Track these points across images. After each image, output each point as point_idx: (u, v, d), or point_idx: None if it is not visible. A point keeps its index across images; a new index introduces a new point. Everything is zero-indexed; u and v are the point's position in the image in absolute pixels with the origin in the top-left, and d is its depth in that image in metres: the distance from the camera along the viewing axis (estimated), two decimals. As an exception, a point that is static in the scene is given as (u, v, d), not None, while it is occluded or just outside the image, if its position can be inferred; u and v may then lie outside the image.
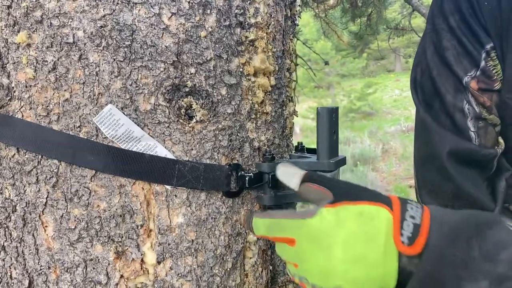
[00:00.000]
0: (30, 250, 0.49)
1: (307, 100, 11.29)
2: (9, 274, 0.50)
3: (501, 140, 0.54)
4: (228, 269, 0.54)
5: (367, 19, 3.53)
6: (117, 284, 0.49)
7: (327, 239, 0.40)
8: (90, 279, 0.49)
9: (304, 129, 9.50)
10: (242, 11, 0.55)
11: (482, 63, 0.51)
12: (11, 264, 0.50)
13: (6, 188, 0.50)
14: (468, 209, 0.48)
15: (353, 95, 10.90)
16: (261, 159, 0.58)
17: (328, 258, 0.39)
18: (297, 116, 0.70)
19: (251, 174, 0.55)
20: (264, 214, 0.47)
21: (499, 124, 0.53)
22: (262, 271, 0.58)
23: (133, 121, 0.49)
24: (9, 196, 0.50)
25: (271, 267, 0.60)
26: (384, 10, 3.40)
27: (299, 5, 0.67)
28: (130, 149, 0.49)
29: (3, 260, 0.50)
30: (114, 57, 0.49)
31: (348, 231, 0.39)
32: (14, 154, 0.49)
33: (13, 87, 0.49)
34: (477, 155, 0.52)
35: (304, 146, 0.68)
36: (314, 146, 0.64)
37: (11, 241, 0.50)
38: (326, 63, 4.04)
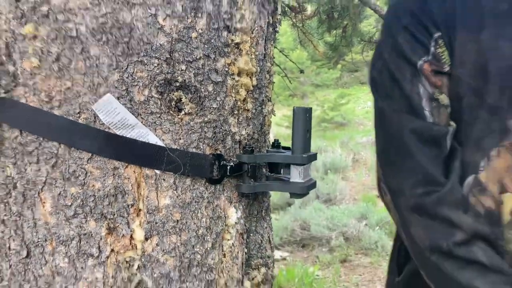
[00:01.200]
0: (28, 224, 0.53)
1: (281, 108, 11.40)
2: (8, 245, 0.54)
3: (452, 122, 0.61)
4: (208, 249, 0.59)
5: (343, 31, 3.64)
6: (107, 257, 0.54)
7: None
8: (83, 251, 0.53)
9: (277, 136, 9.60)
10: (229, 16, 0.61)
11: (432, 49, 0.60)
12: (10, 236, 0.54)
13: (7, 166, 0.54)
14: (422, 187, 0.56)
15: (326, 105, 11.07)
16: (241, 151, 0.64)
17: None
18: (275, 115, 0.77)
19: (232, 164, 0.61)
20: None
21: (449, 106, 0.61)
22: (238, 253, 0.63)
23: (128, 110, 0.55)
24: (10, 174, 0.54)
25: (246, 250, 0.66)
26: (359, 23, 3.52)
27: (279, 14, 0.73)
28: (124, 135, 0.55)
29: (2, 232, 0.54)
30: (113, 52, 0.54)
31: None
32: (17, 135, 0.54)
33: (18, 74, 0.54)
34: (431, 131, 0.59)
35: (280, 143, 0.74)
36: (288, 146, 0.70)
37: (11, 215, 0.54)
38: (302, 71, 4.13)
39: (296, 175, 0.63)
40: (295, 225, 4.10)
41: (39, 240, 0.53)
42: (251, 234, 0.66)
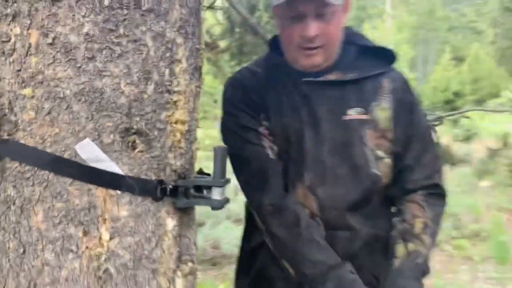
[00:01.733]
0: (25, 229, 0.75)
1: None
2: (7, 246, 0.75)
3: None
4: (153, 247, 0.84)
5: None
6: (83, 252, 0.77)
7: None
8: (65, 248, 0.76)
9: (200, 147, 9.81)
10: (170, 83, 0.87)
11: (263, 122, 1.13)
12: (9, 239, 0.75)
13: (8, 188, 0.75)
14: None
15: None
16: (176, 177, 0.90)
17: None
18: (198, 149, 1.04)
19: (170, 186, 0.87)
20: None
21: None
22: (173, 250, 0.89)
23: (99, 149, 0.79)
24: (11, 193, 0.75)
25: (178, 249, 0.91)
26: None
27: (203, 78, 1.01)
28: (96, 167, 0.78)
29: (3, 235, 0.75)
30: (89, 108, 0.78)
31: None
32: (17, 166, 0.75)
33: (19, 123, 0.76)
34: (267, 159, 1.10)
35: (202, 170, 1.01)
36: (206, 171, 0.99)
37: (10, 223, 0.75)
38: (215, 101, 4.44)
39: (216, 194, 0.90)
40: (207, 244, 4.34)
41: (32, 240, 0.75)
42: (182, 237, 0.92)
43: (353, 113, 1.15)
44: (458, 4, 43.77)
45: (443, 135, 2.83)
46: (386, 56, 1.21)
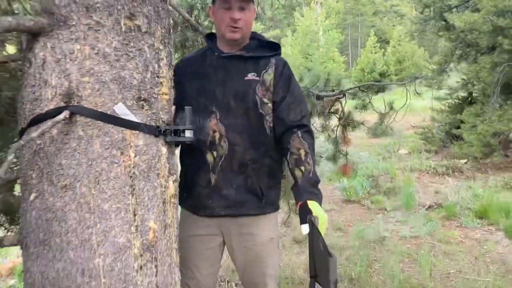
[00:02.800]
0: (89, 151, 1.42)
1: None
2: (77, 160, 1.41)
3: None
4: (156, 161, 1.54)
5: (194, 56, 4.67)
6: (121, 163, 1.45)
7: None
8: (112, 161, 1.44)
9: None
10: (158, 72, 1.56)
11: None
12: (80, 157, 1.41)
13: (78, 131, 1.42)
14: None
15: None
16: (165, 125, 1.59)
17: None
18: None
19: (163, 129, 1.56)
20: None
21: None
22: (166, 165, 1.59)
23: (126, 108, 1.47)
24: (81, 134, 1.42)
25: (169, 165, 1.61)
26: (206, 51, 4.59)
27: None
28: (125, 118, 1.46)
29: (79, 154, 1.41)
30: (118, 87, 1.46)
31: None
32: (83, 118, 1.42)
33: (82, 96, 1.42)
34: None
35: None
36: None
37: (83, 149, 1.41)
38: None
39: (188, 134, 1.61)
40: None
41: (94, 157, 1.42)
42: (170, 159, 1.62)
43: (250, 76, 1.90)
44: (382, -11, 46.15)
45: (347, 105, 3.65)
46: (275, 46, 2.00)
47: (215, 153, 1.87)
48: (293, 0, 39.26)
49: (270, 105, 1.90)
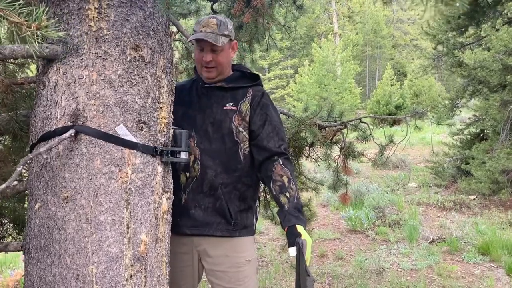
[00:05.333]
0: (91, 167, 1.56)
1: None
2: (81, 174, 1.56)
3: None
4: (152, 179, 1.68)
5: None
6: (119, 179, 1.59)
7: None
8: (110, 177, 1.58)
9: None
10: (158, 98, 1.72)
11: None
12: (82, 171, 1.56)
13: (81, 148, 1.57)
14: None
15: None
16: (162, 146, 1.73)
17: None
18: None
19: (159, 150, 1.70)
20: None
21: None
22: (161, 183, 1.72)
23: (126, 129, 1.62)
24: (84, 151, 1.57)
25: (163, 184, 1.74)
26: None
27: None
28: (125, 138, 1.61)
29: (81, 168, 1.56)
30: (121, 110, 1.61)
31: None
32: (87, 137, 1.57)
33: (87, 117, 1.58)
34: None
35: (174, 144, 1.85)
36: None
37: (84, 163, 1.56)
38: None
39: (183, 155, 1.75)
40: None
41: (94, 173, 1.57)
42: (165, 178, 1.76)
43: (229, 106, 2.02)
44: (401, 23, 46.55)
45: (348, 136, 3.76)
46: (255, 77, 2.13)
47: (187, 174, 1.98)
48: (312, 31, 39.89)
49: (245, 133, 2.00)
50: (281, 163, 1.95)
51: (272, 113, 2.06)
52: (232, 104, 2.02)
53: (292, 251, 1.81)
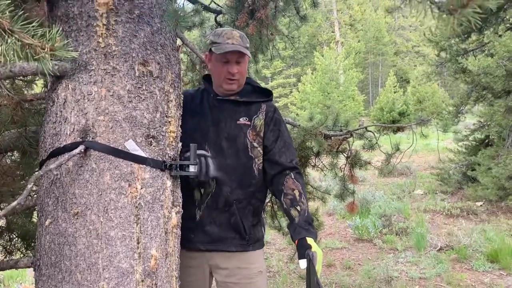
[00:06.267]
0: (101, 183, 1.57)
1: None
2: (91, 190, 1.56)
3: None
4: (161, 193, 1.68)
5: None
6: (128, 194, 1.60)
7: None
8: (120, 192, 1.58)
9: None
10: (167, 112, 1.72)
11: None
12: (92, 187, 1.56)
13: (91, 164, 1.57)
14: None
15: (198, 151, 12.33)
16: (171, 160, 1.74)
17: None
18: (180, 148, 1.89)
19: (168, 164, 1.71)
20: None
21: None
22: (170, 198, 1.72)
23: (135, 144, 1.62)
24: (94, 167, 1.57)
25: (172, 198, 1.74)
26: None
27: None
28: (134, 153, 1.61)
29: (91, 184, 1.56)
30: (130, 125, 1.62)
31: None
32: (97, 153, 1.57)
33: (97, 133, 1.59)
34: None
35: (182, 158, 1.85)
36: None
37: (94, 180, 1.56)
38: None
39: (192, 168, 1.75)
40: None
41: (105, 188, 1.57)
42: (174, 192, 1.76)
43: (242, 120, 2.02)
44: (403, 30, 46.66)
45: (354, 144, 3.77)
46: (267, 92, 2.13)
47: (202, 190, 1.98)
48: (314, 40, 40.03)
49: (259, 149, 2.01)
50: (292, 177, 1.97)
51: (283, 128, 2.09)
52: (246, 119, 2.02)
53: (303, 263, 1.81)
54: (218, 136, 2.00)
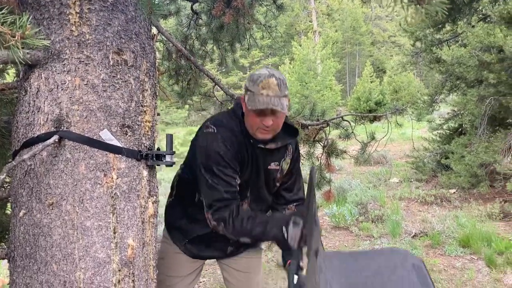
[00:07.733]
0: (75, 173, 1.55)
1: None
2: (66, 180, 1.55)
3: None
4: (137, 183, 1.68)
5: (187, 83, 4.86)
6: (104, 184, 1.59)
7: None
8: (95, 182, 1.57)
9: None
10: (142, 101, 1.72)
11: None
12: (67, 177, 1.55)
13: (66, 154, 1.56)
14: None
15: (176, 141, 12.27)
16: (147, 149, 1.73)
17: None
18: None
19: (144, 154, 1.70)
20: None
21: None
22: (147, 187, 1.72)
23: (110, 134, 1.61)
24: (68, 156, 1.56)
25: (149, 187, 1.74)
26: (199, 79, 4.78)
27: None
28: (109, 143, 1.60)
29: (66, 174, 1.55)
30: (104, 115, 1.61)
31: None
32: (71, 143, 1.56)
33: (71, 122, 1.57)
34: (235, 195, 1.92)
35: (159, 147, 1.85)
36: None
37: (69, 169, 1.55)
38: (158, 114, 5.23)
39: (168, 158, 1.75)
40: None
41: (79, 178, 1.56)
42: (150, 181, 1.76)
43: (273, 166, 2.06)
44: (380, 20, 47.02)
45: (330, 133, 3.81)
46: (294, 130, 2.08)
47: None
48: (292, 29, 40.01)
49: (279, 183, 2.16)
50: (293, 209, 2.18)
51: (298, 163, 2.21)
52: (276, 164, 2.06)
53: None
54: (257, 184, 2.05)
